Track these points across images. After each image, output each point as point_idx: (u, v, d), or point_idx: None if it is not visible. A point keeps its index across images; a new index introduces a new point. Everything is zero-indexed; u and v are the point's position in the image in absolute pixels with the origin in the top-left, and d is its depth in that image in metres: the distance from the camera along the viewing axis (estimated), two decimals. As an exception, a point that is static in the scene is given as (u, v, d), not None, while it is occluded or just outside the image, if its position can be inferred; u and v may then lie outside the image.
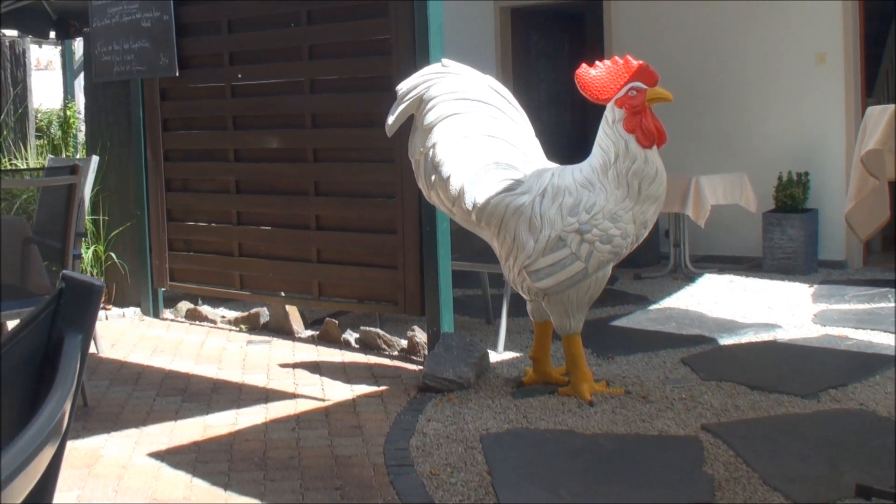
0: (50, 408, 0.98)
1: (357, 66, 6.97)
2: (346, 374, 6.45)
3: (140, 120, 8.28)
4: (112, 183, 8.66)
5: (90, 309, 1.24)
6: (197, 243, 8.09)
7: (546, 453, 4.90)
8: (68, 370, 1.09)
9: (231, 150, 7.73)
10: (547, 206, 5.59)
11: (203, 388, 6.25)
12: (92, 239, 8.70)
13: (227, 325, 7.98)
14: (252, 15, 7.52)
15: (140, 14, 8.01)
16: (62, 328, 1.20)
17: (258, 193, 7.61)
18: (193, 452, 5.05)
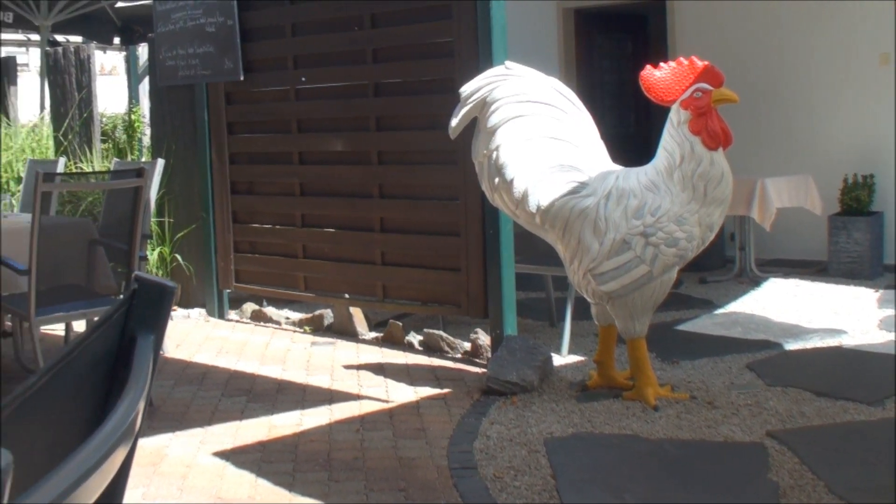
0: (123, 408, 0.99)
1: (420, 68, 6.98)
2: (410, 375, 6.46)
3: (205, 123, 8.36)
4: (177, 185, 8.75)
5: (162, 310, 1.26)
6: (262, 245, 8.15)
7: (610, 458, 4.88)
8: (141, 371, 1.10)
9: (295, 152, 7.78)
10: (612, 209, 5.56)
11: (268, 389, 6.29)
12: (157, 241, 8.79)
13: (291, 326, 8.03)
14: (316, 19, 7.56)
15: (204, 19, 8.09)
16: (134, 329, 1.21)
17: (322, 196, 7.65)
18: (258, 452, 5.09)
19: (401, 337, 7.27)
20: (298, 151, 7.76)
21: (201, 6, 8.07)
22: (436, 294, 7.03)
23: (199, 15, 8.10)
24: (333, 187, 7.57)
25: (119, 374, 1.18)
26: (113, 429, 0.95)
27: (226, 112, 8.24)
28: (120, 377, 1.16)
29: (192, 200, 8.61)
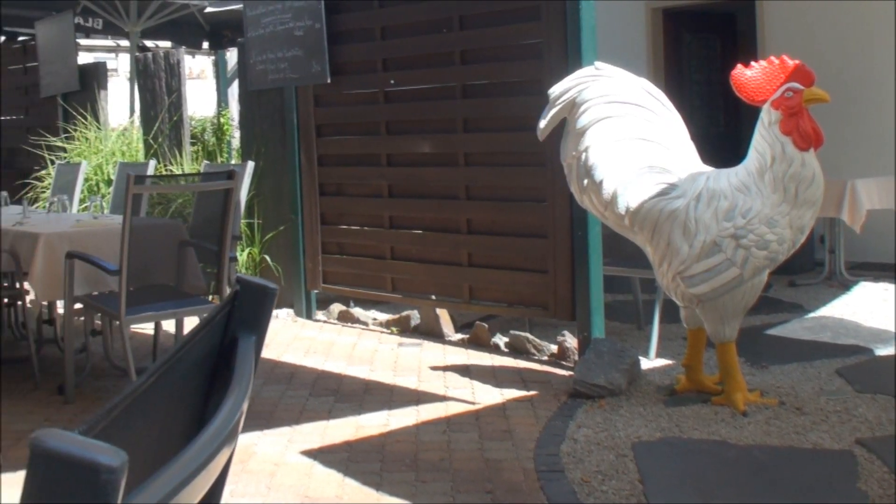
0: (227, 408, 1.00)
1: (508, 70, 6.97)
2: (496, 377, 6.45)
3: (294, 126, 8.44)
4: (266, 187, 8.84)
5: (264, 311, 1.27)
6: (349, 246, 8.20)
7: (699, 463, 4.83)
8: (244, 372, 1.11)
9: (384, 154, 7.82)
10: (702, 211, 5.50)
11: (355, 389, 6.32)
12: (247, 242, 8.89)
13: (378, 327, 8.06)
14: (405, 21, 7.60)
15: (293, 23, 8.16)
16: (236, 330, 1.23)
17: (410, 197, 7.67)
18: (345, 452, 5.11)
19: (487, 339, 7.26)
20: (386, 153, 7.80)
21: (290, 10, 8.15)
22: (522, 296, 7.01)
23: (288, 19, 8.18)
24: (421, 189, 7.60)
25: (220, 374, 1.19)
26: (218, 429, 0.95)
27: (315, 115, 8.31)
28: (220, 377, 1.17)
29: (282, 202, 8.70)
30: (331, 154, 8.32)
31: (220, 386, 1.16)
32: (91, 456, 0.74)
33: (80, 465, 0.73)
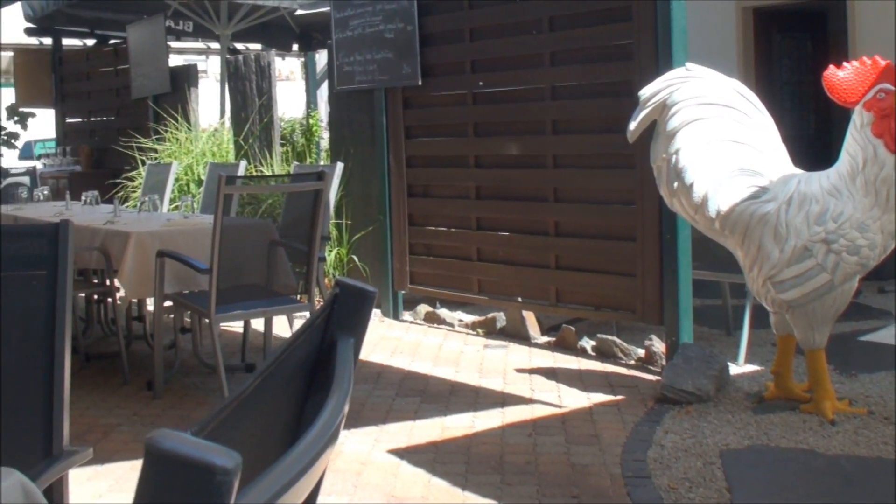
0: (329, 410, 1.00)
1: (598, 71, 6.93)
2: (583, 381, 6.42)
3: (383, 127, 8.47)
4: (355, 188, 8.89)
5: (363, 314, 1.27)
6: (437, 248, 8.21)
7: (787, 472, 4.75)
8: (344, 374, 1.11)
9: (472, 156, 7.82)
10: (793, 215, 5.42)
11: (441, 390, 6.33)
12: (335, 242, 8.95)
13: (464, 328, 8.07)
14: (495, 23, 7.59)
15: (383, 25, 8.20)
16: (335, 332, 1.23)
17: (498, 199, 7.66)
18: (431, 452, 5.12)
19: (573, 342, 7.23)
20: (475, 155, 7.80)
21: (381, 13, 8.19)
22: (610, 299, 6.96)
23: (378, 21, 8.22)
24: (509, 191, 7.58)
25: (318, 375, 1.19)
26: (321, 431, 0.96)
27: (403, 116, 8.34)
28: (319, 379, 1.17)
29: (370, 203, 8.74)
30: (419, 155, 8.34)
31: (318, 387, 1.17)
32: (206, 457, 0.74)
33: (195, 467, 0.74)
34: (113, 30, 14.66)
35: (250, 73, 10.52)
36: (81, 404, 6.06)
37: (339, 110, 9.25)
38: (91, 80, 14.69)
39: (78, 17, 14.31)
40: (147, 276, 6.17)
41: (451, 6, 7.91)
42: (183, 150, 10.96)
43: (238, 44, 15.40)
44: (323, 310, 1.27)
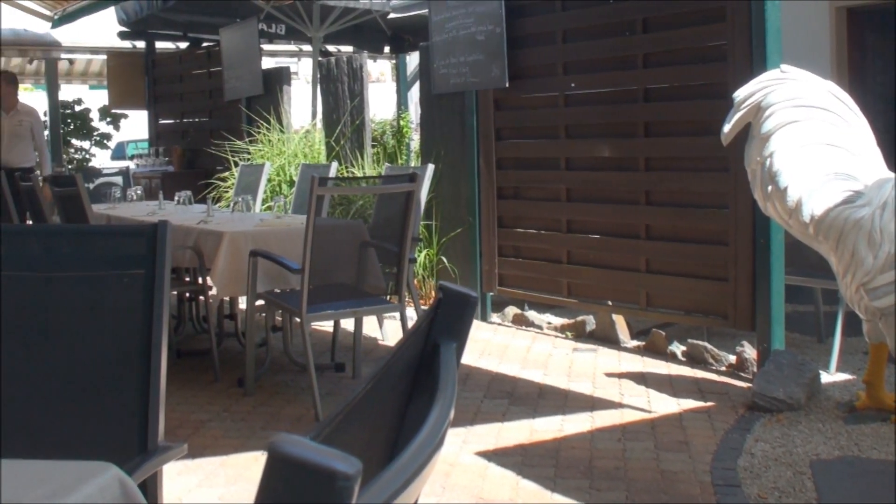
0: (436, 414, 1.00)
1: (691, 73, 6.86)
2: (672, 386, 6.36)
3: (473, 129, 8.48)
4: (445, 190, 8.92)
5: (465, 319, 1.27)
6: (526, 250, 8.20)
7: (877, 485, 4.64)
8: (448, 379, 1.11)
9: (562, 158, 7.79)
10: (888, 220, 5.30)
11: (529, 393, 6.31)
12: (425, 243, 8.97)
13: (552, 331, 8.04)
14: (587, 24, 7.55)
15: (475, 28, 8.21)
16: (438, 336, 1.23)
17: (588, 202, 7.62)
18: (519, 455, 5.11)
19: (663, 346, 7.17)
20: (565, 157, 7.77)
21: (473, 15, 8.21)
22: (701, 304, 6.89)
23: (470, 24, 8.24)
24: (599, 193, 7.54)
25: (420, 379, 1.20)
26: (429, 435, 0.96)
27: (494, 118, 8.34)
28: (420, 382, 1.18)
29: (459, 204, 8.76)
30: (509, 157, 8.33)
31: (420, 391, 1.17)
32: (329, 463, 0.75)
33: (317, 472, 0.74)
34: (205, 33, 14.87)
35: (342, 75, 10.59)
36: (173, 400, 6.15)
37: (431, 112, 9.29)
38: (184, 82, 14.91)
39: (171, 20, 14.53)
40: (240, 275, 6.24)
41: (544, 8, 7.89)
42: (275, 152, 11.06)
43: (330, 46, 15.52)
44: (427, 315, 1.27)
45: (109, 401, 2.55)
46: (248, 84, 12.42)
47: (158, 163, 14.54)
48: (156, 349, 2.44)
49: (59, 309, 2.58)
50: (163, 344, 2.44)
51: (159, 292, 2.44)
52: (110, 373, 2.54)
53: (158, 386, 2.44)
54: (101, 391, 2.55)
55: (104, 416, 2.56)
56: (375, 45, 15.14)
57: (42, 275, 2.59)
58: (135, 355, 2.48)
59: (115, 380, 2.53)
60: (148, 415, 2.45)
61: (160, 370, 2.44)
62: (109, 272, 2.52)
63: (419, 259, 8.92)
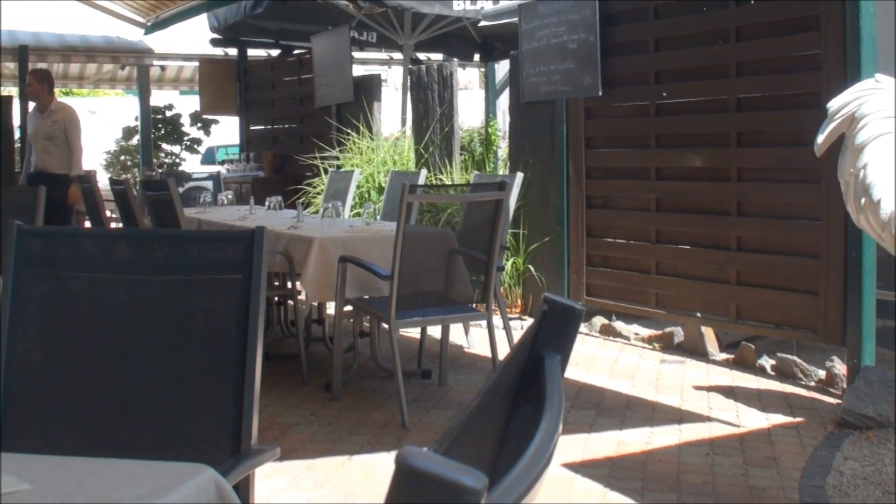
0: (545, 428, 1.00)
1: (785, 82, 6.76)
2: (761, 401, 6.29)
3: (563, 138, 8.46)
4: (533, 198, 8.91)
5: (570, 331, 1.27)
6: (614, 260, 8.15)
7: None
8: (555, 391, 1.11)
9: (652, 168, 7.72)
10: (984, 236, 5.20)
11: (616, 404, 6.28)
12: (512, 251, 8.97)
13: (640, 342, 8.00)
14: (680, 33, 7.48)
15: (567, 36, 8.20)
16: (542, 348, 1.23)
17: (678, 212, 7.55)
18: (606, 467, 5.08)
19: (752, 360, 7.09)
20: (656, 167, 7.70)
21: (565, 23, 8.20)
22: (791, 317, 6.79)
23: (562, 32, 8.23)
24: (689, 203, 7.47)
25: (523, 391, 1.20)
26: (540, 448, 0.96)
27: (584, 127, 8.31)
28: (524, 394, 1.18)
29: (547, 213, 8.74)
30: (599, 166, 8.30)
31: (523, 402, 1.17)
32: (457, 477, 0.76)
33: (446, 486, 0.75)
34: (297, 40, 15.03)
35: (432, 82, 10.63)
36: (260, 402, 6.15)
37: (520, 120, 9.29)
38: (275, 88, 15.07)
39: (262, 28, 14.72)
40: (329, 281, 6.30)
41: (636, 16, 7.84)
42: (364, 159, 11.14)
43: (420, 54, 15.59)
44: (532, 326, 1.27)
45: (204, 403, 2.59)
46: (338, 91, 12.51)
47: (249, 168, 14.71)
48: (251, 353, 2.47)
49: (158, 312, 2.63)
50: (258, 348, 2.48)
51: (256, 297, 2.47)
52: (206, 375, 2.58)
53: (253, 389, 2.48)
54: (197, 393, 2.59)
55: (198, 418, 2.60)
56: (465, 53, 15.16)
57: (142, 278, 2.64)
58: (230, 359, 2.51)
59: (211, 382, 2.57)
60: (242, 418, 2.49)
61: (255, 374, 2.48)
62: (208, 276, 2.56)
63: (506, 267, 8.91)
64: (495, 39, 14.04)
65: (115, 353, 2.67)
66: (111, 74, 21.27)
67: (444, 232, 7.01)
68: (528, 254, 8.98)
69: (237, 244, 2.54)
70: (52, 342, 2.71)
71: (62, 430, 2.69)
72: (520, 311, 9.08)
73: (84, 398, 2.68)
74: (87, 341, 2.70)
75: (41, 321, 2.71)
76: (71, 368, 2.70)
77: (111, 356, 2.68)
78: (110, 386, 2.67)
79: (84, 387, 2.69)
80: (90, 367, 2.70)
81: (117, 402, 2.66)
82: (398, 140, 11.77)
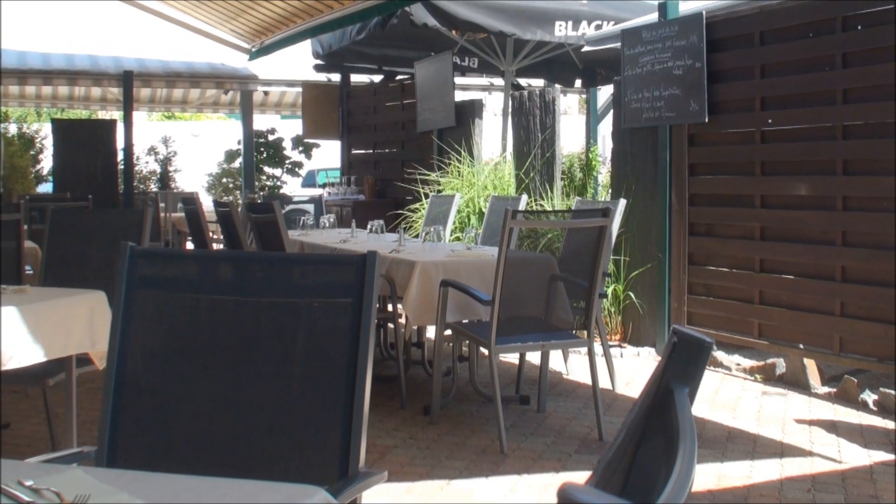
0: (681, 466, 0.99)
1: (891, 110, 6.64)
2: (864, 437, 6.16)
3: (666, 165, 8.41)
4: (635, 225, 8.85)
5: (699, 364, 1.26)
6: (716, 288, 8.05)
7: None
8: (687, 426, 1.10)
9: (757, 195, 7.62)
10: None
11: (717, 435, 6.20)
12: (612, 278, 8.92)
13: (741, 372, 7.89)
14: (786, 59, 7.39)
15: (672, 62, 8.15)
16: (670, 381, 1.23)
17: (782, 241, 7.43)
18: (707, 500, 5.02)
19: (855, 394, 6.96)
20: (760, 194, 7.60)
21: (671, 49, 8.15)
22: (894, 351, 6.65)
23: (667, 58, 8.18)
24: (794, 233, 7.35)
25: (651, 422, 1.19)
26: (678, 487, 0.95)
27: (688, 154, 8.24)
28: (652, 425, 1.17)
29: (649, 240, 8.69)
30: (702, 194, 8.21)
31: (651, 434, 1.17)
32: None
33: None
34: (398, 66, 15.19)
35: (534, 108, 10.64)
36: (362, 425, 6.23)
37: (622, 146, 9.25)
38: (377, 113, 15.21)
39: (365, 53, 14.91)
40: (430, 304, 6.32)
41: (741, 42, 7.75)
42: (465, 183, 11.17)
43: (521, 79, 15.63)
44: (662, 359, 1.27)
45: (313, 425, 2.60)
46: (440, 116, 12.58)
47: (349, 192, 14.84)
48: (360, 376, 2.49)
49: (269, 333, 2.66)
50: (368, 372, 2.49)
51: (366, 321, 2.49)
52: (315, 397, 2.60)
53: (362, 412, 2.49)
54: (305, 415, 2.61)
55: (306, 439, 2.61)
56: (566, 79, 15.17)
57: (254, 300, 2.67)
58: (339, 381, 2.53)
59: (319, 404, 2.59)
60: (350, 440, 2.50)
61: (364, 397, 2.49)
62: (319, 300, 2.59)
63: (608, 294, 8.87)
64: (598, 65, 14.02)
65: (225, 373, 2.70)
66: (214, 99, 21.66)
67: (546, 257, 6.99)
68: (628, 281, 8.92)
69: (349, 268, 2.57)
70: (162, 361, 2.76)
71: (170, 448, 2.72)
72: (619, 338, 9.02)
73: (193, 417, 2.72)
74: (197, 361, 2.74)
75: (152, 340, 2.76)
76: (181, 387, 2.74)
77: (221, 376, 2.71)
78: (219, 406, 2.70)
79: (193, 405, 2.73)
80: (200, 386, 2.73)
81: (226, 421, 2.69)
82: (499, 165, 11.78)
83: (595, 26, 11.48)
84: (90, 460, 2.58)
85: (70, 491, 1.89)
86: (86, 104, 22.15)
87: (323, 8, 11.10)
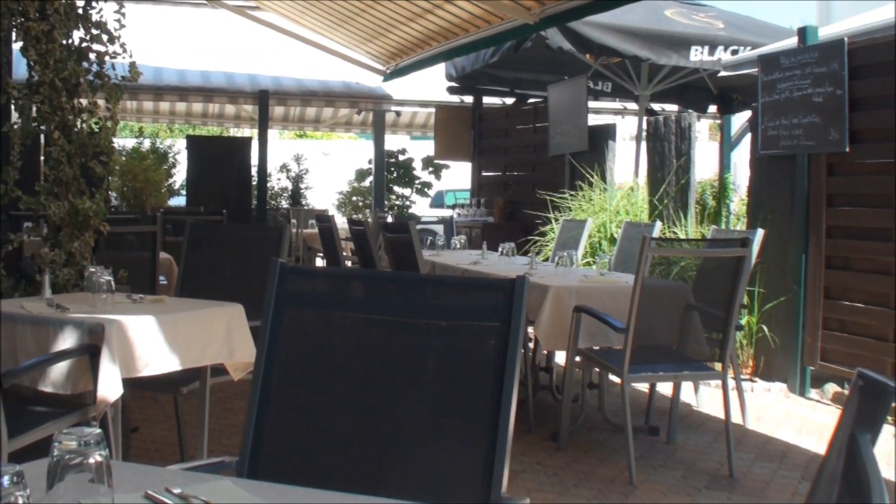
0: None
1: None
2: None
3: (804, 194, 8.24)
4: (770, 256, 8.68)
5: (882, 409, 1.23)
6: (851, 324, 7.85)
7: None
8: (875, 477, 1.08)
9: (894, 229, 7.42)
10: None
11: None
12: (745, 310, 8.77)
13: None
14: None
15: (812, 89, 8.00)
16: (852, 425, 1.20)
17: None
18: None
19: None
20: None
21: (810, 76, 8.01)
22: None
23: (806, 85, 8.04)
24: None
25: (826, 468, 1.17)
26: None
27: (826, 184, 8.07)
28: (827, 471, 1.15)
29: (784, 272, 8.52)
30: (840, 225, 8.03)
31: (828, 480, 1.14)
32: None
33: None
34: (531, 89, 15.20)
35: (670, 133, 10.55)
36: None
37: (759, 174, 9.09)
38: (508, 136, 15.24)
39: (498, 77, 14.96)
40: (562, 330, 6.29)
41: (883, 69, 7.56)
42: (597, 208, 11.12)
43: (654, 104, 15.52)
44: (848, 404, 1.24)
45: (456, 447, 2.61)
46: (573, 140, 12.55)
47: (479, 213, 14.90)
48: (506, 401, 2.48)
49: (415, 354, 2.67)
50: (513, 396, 2.48)
51: (513, 345, 2.48)
52: (459, 420, 2.60)
53: (506, 437, 2.48)
54: (449, 437, 2.61)
55: (449, 461, 2.62)
56: (700, 104, 15.01)
57: (401, 320, 2.69)
58: (484, 405, 2.52)
59: (464, 428, 2.59)
60: (494, 466, 2.49)
61: (509, 422, 2.48)
62: (469, 323, 2.59)
63: (742, 326, 8.72)
64: (733, 90, 13.86)
65: (371, 392, 2.72)
66: (347, 118, 21.94)
67: (681, 286, 6.90)
68: (762, 313, 8.76)
69: (497, 292, 2.57)
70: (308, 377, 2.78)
71: (311, 463, 2.75)
72: (750, 371, 8.86)
73: (336, 434, 2.74)
74: (343, 379, 2.77)
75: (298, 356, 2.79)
76: (325, 404, 2.76)
77: (366, 395, 2.73)
78: (363, 425, 2.72)
79: (337, 423, 2.75)
80: (344, 404, 2.75)
81: (369, 441, 2.70)
82: (632, 190, 11.70)
83: (731, 51, 11.35)
84: (231, 470, 2.61)
85: (220, 501, 1.92)
86: (219, 121, 22.60)
87: (458, 31, 11.17)
